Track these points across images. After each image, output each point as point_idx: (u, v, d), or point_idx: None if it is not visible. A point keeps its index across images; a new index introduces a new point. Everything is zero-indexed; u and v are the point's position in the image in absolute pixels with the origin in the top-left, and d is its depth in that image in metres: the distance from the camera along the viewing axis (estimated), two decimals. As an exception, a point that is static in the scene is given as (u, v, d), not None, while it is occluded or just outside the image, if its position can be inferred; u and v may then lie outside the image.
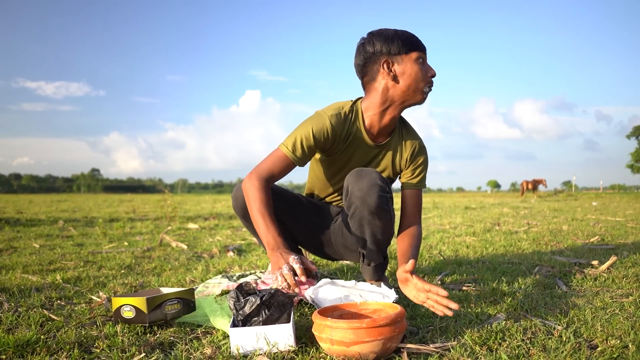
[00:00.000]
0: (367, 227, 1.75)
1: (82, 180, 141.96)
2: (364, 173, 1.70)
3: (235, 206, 1.93)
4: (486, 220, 6.25)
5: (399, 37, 1.72)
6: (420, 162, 1.92)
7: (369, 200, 1.67)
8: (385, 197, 1.71)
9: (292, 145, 1.74)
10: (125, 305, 1.52)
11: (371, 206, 1.68)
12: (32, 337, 1.39)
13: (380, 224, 1.74)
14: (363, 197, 1.68)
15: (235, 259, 3.07)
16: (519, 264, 2.61)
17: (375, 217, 1.72)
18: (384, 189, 1.70)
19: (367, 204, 1.68)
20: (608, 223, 5.47)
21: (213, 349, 1.31)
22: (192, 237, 4.57)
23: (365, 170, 1.71)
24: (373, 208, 1.69)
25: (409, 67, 1.72)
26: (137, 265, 2.83)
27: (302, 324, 1.53)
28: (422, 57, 1.74)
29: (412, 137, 1.92)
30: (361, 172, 1.71)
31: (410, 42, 1.72)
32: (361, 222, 1.75)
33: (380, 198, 1.68)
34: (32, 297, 1.97)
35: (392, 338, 1.21)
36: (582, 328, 1.42)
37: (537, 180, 22.32)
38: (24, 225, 5.86)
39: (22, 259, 3.07)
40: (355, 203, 1.71)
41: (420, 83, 1.73)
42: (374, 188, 1.67)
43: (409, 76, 1.72)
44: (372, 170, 1.72)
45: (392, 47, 1.71)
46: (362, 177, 1.69)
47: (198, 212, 8.87)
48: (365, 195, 1.67)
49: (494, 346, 1.29)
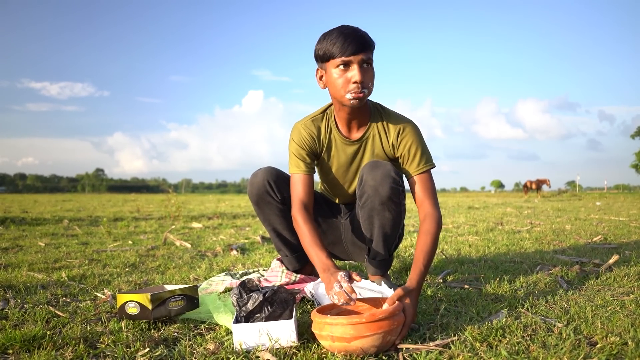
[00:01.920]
0: (376, 218, 1.78)
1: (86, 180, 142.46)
2: (378, 164, 1.74)
3: (250, 192, 1.98)
4: (489, 219, 6.25)
5: (324, 43, 1.67)
6: (410, 142, 1.81)
7: (381, 189, 1.71)
8: (397, 189, 1.73)
9: (296, 165, 1.85)
10: (130, 302, 1.54)
11: (382, 196, 1.72)
12: (38, 332, 1.41)
13: (390, 216, 1.77)
14: (375, 187, 1.72)
15: (238, 257, 3.09)
16: (520, 263, 2.62)
17: (385, 209, 1.75)
18: (396, 181, 1.73)
19: (379, 193, 1.72)
20: (611, 223, 5.46)
21: (216, 344, 1.33)
22: (195, 236, 4.60)
23: (380, 162, 1.75)
24: (384, 198, 1.72)
25: (329, 76, 1.69)
26: (142, 264, 2.85)
27: (305, 321, 1.55)
28: (345, 63, 1.64)
29: (394, 121, 1.85)
30: (376, 163, 1.75)
31: (332, 49, 1.64)
32: (371, 212, 1.77)
33: (392, 189, 1.71)
34: (38, 294, 2.00)
35: (392, 331, 1.23)
36: (582, 325, 1.44)
37: (540, 180, 22.26)
38: (29, 224, 5.90)
39: (27, 257, 3.10)
40: (368, 192, 1.74)
41: (339, 91, 1.68)
42: (387, 179, 1.71)
43: (331, 85, 1.70)
44: (387, 162, 1.75)
45: (318, 55, 1.71)
46: (377, 168, 1.73)
47: (202, 212, 8.90)
48: (378, 185, 1.71)
49: (494, 342, 1.30)
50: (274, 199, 1.94)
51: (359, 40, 1.63)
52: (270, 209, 1.97)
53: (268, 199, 1.94)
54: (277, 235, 2.05)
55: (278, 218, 1.99)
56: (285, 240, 2.06)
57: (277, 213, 1.98)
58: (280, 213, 1.98)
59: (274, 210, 1.97)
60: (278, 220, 2.00)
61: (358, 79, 1.63)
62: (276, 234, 2.05)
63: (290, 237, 2.05)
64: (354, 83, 1.64)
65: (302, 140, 1.86)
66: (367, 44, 1.65)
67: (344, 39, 1.62)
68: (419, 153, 1.81)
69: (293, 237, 2.05)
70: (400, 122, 1.84)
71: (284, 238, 2.05)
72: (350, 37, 1.63)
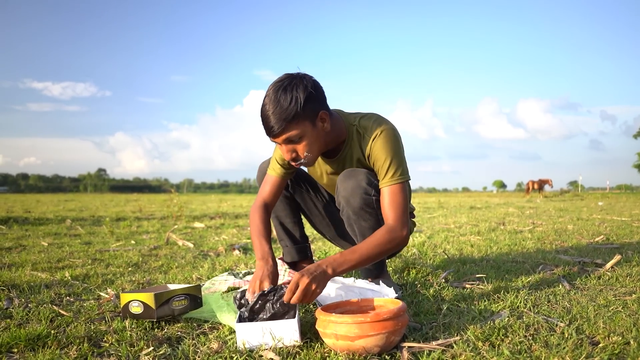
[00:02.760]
0: (354, 226, 1.79)
1: (88, 180, 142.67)
2: (351, 174, 1.73)
3: (258, 177, 2.04)
4: (491, 219, 6.25)
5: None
6: (379, 154, 1.70)
7: (352, 200, 1.72)
8: (370, 199, 1.70)
9: (274, 167, 1.89)
10: (134, 301, 1.55)
11: (355, 207, 1.72)
12: (42, 331, 1.42)
13: (366, 224, 1.76)
14: (347, 197, 1.73)
15: (241, 257, 3.10)
16: (522, 263, 2.62)
17: (360, 218, 1.75)
18: (368, 191, 1.69)
19: (351, 204, 1.72)
20: (613, 223, 5.45)
21: (220, 343, 1.34)
22: (198, 235, 4.61)
23: (354, 172, 1.73)
24: (356, 209, 1.72)
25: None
26: (144, 263, 2.86)
27: (307, 320, 1.55)
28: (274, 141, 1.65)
29: (369, 132, 1.73)
30: (349, 173, 1.74)
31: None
32: (349, 220, 1.80)
33: (364, 199, 1.70)
34: (41, 293, 2.01)
35: (395, 331, 1.23)
36: (585, 325, 1.44)
37: (543, 180, 22.22)
38: (32, 224, 5.92)
39: (31, 256, 3.11)
40: (342, 202, 1.76)
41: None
42: (358, 190, 1.70)
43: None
44: (362, 171, 1.72)
45: None
46: (349, 178, 1.72)
47: (204, 212, 8.91)
48: (349, 196, 1.72)
49: (496, 342, 1.30)
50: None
51: (269, 130, 1.57)
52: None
53: None
54: (280, 224, 2.12)
55: (282, 205, 2.06)
56: (288, 231, 2.13)
57: (283, 201, 2.05)
58: (285, 200, 2.05)
59: (280, 199, 2.03)
60: (282, 207, 2.07)
61: (287, 157, 1.65)
62: (279, 222, 2.12)
63: (293, 227, 2.12)
64: (287, 160, 1.67)
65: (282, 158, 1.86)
66: (277, 130, 1.55)
67: (262, 123, 1.60)
68: (387, 165, 1.69)
69: (296, 228, 2.13)
70: (374, 132, 1.72)
71: (286, 228, 2.12)
72: (263, 122, 1.59)
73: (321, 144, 1.68)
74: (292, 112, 1.53)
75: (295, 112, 1.53)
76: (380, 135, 1.71)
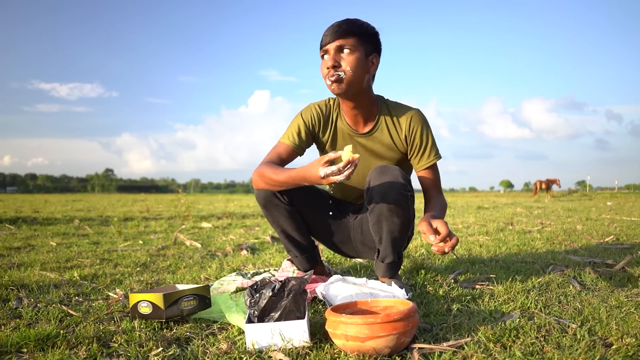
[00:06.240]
0: (384, 223, 1.77)
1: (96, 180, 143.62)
2: (386, 169, 1.74)
3: (257, 195, 1.94)
4: (499, 219, 6.22)
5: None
6: (422, 135, 1.89)
7: (388, 196, 1.71)
8: (406, 195, 1.73)
9: (288, 135, 1.92)
10: (143, 302, 1.55)
11: (390, 203, 1.71)
12: (52, 331, 1.42)
13: (398, 221, 1.76)
14: (383, 193, 1.71)
15: (248, 257, 3.10)
16: (532, 263, 2.60)
17: (394, 214, 1.74)
18: (405, 186, 1.72)
19: (387, 200, 1.71)
20: (623, 223, 5.40)
21: (229, 344, 1.33)
22: (205, 235, 4.61)
23: (388, 167, 1.75)
24: (392, 205, 1.72)
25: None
26: (152, 263, 2.87)
27: (316, 321, 1.55)
28: (325, 52, 1.78)
29: (401, 113, 1.90)
30: (384, 168, 1.75)
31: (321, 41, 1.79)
32: (379, 217, 1.77)
33: (400, 195, 1.71)
34: (50, 293, 2.01)
35: (406, 332, 1.22)
36: (597, 326, 1.42)
37: (550, 180, 22.07)
38: (40, 224, 5.95)
39: (39, 256, 3.13)
40: (375, 198, 1.74)
41: (324, 80, 1.80)
42: (395, 185, 1.70)
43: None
44: (395, 167, 1.75)
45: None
46: (384, 173, 1.72)
47: (211, 212, 8.93)
48: (386, 191, 1.71)
49: (508, 343, 1.29)
50: (282, 201, 1.93)
51: (335, 29, 1.73)
52: (279, 211, 1.96)
53: (276, 202, 1.93)
54: (286, 236, 2.05)
55: (287, 219, 1.98)
56: (295, 242, 2.06)
57: (285, 215, 1.97)
58: (288, 214, 1.97)
59: (282, 212, 1.96)
60: (287, 221, 1.99)
61: (329, 64, 1.73)
62: (285, 235, 2.04)
63: (300, 238, 2.05)
64: (327, 69, 1.75)
65: (309, 117, 1.94)
66: (342, 31, 1.73)
67: (325, 32, 1.76)
68: (429, 144, 1.90)
69: (302, 238, 2.06)
70: (409, 114, 1.89)
71: (293, 239, 2.05)
72: (330, 27, 1.75)
73: (362, 80, 1.78)
74: (364, 27, 1.76)
75: (366, 28, 1.76)
76: (415, 115, 1.89)
